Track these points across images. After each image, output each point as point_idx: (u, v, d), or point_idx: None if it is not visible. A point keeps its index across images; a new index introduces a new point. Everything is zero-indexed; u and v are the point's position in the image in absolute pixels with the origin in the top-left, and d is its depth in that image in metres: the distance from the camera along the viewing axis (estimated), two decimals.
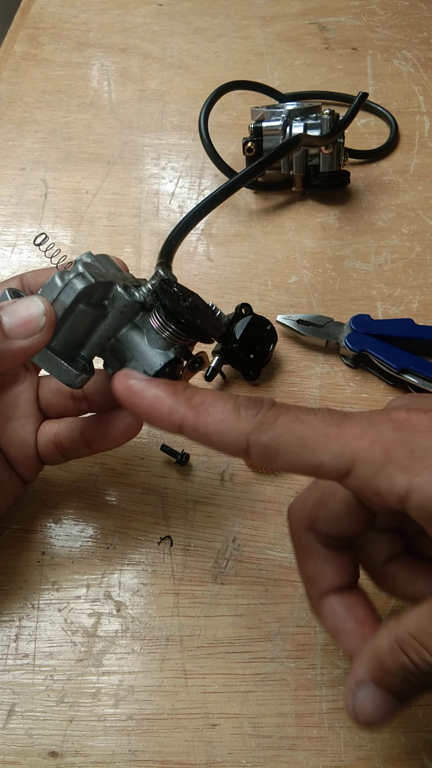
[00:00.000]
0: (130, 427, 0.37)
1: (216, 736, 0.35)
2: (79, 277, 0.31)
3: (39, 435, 0.39)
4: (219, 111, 0.67)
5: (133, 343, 0.34)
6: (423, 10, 0.82)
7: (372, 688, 0.26)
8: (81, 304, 0.32)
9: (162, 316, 0.33)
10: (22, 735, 0.35)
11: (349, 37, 0.78)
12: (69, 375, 0.33)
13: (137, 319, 0.34)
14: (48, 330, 0.31)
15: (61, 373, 0.33)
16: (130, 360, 0.34)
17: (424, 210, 0.60)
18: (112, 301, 0.33)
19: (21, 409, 0.38)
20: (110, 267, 0.34)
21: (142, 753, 0.35)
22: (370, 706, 0.26)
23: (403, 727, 0.35)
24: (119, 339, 0.34)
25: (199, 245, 0.58)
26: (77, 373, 0.33)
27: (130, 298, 0.33)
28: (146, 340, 0.34)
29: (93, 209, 0.61)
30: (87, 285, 0.31)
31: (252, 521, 0.42)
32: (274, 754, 0.35)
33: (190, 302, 0.34)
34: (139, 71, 0.75)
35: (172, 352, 0.34)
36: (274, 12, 0.82)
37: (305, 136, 0.53)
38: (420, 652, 0.24)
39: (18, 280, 0.37)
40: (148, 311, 0.34)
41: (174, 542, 0.41)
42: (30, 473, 0.39)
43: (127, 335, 0.34)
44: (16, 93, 0.72)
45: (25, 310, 0.31)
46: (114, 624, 0.39)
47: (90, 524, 0.42)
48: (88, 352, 0.34)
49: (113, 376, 0.30)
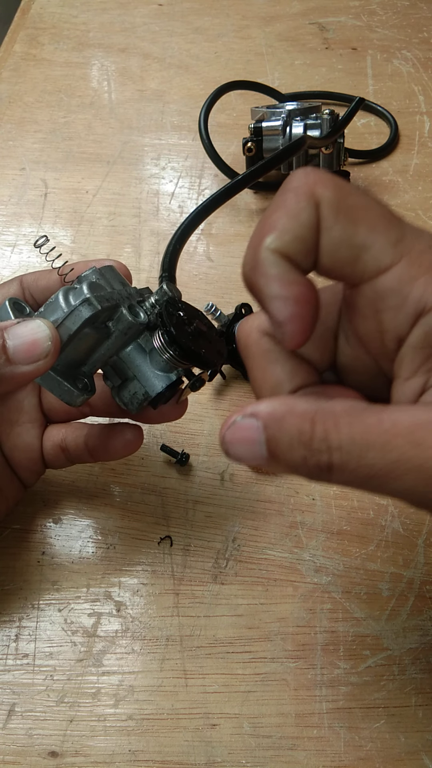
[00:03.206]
0: (128, 444, 0.38)
1: (216, 736, 0.35)
2: (86, 304, 0.31)
3: (45, 439, 0.39)
4: (219, 111, 0.67)
5: (136, 363, 0.34)
6: (423, 10, 0.82)
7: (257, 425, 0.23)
8: (86, 328, 0.32)
9: (165, 341, 0.33)
10: (22, 735, 0.35)
11: (349, 37, 0.78)
12: (70, 395, 0.33)
13: (140, 338, 0.34)
14: (53, 356, 0.31)
15: (62, 392, 0.33)
16: (132, 379, 0.34)
17: (424, 210, 0.60)
18: (116, 322, 0.33)
19: (26, 414, 0.39)
20: (115, 281, 0.34)
21: (142, 753, 0.35)
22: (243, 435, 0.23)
23: (403, 727, 0.35)
24: (122, 357, 0.34)
25: (199, 245, 0.58)
26: (78, 393, 0.33)
27: (135, 320, 0.33)
28: (148, 361, 0.34)
29: (93, 209, 0.61)
30: (93, 312, 0.31)
31: (252, 521, 0.42)
32: (274, 754, 0.35)
33: (194, 328, 0.34)
34: (139, 71, 0.75)
35: (174, 374, 0.34)
36: (274, 12, 0.82)
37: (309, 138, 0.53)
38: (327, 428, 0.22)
39: (18, 283, 0.37)
40: (151, 330, 0.34)
41: (174, 542, 0.41)
42: (32, 477, 0.40)
43: (130, 354, 0.34)
44: (16, 93, 0.72)
45: (31, 335, 0.30)
46: (114, 624, 0.39)
47: (90, 524, 0.42)
48: (89, 369, 0.34)
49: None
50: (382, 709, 0.36)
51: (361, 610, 0.39)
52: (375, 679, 0.37)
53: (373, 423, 0.22)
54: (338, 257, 0.23)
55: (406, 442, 0.21)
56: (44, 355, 0.31)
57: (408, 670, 0.37)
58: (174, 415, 0.37)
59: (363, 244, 0.23)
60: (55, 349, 0.31)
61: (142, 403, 0.35)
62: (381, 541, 0.41)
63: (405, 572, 0.40)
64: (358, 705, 0.36)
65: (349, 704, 0.36)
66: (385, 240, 0.23)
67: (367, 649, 0.38)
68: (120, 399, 0.35)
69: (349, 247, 0.23)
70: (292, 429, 0.22)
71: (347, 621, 0.38)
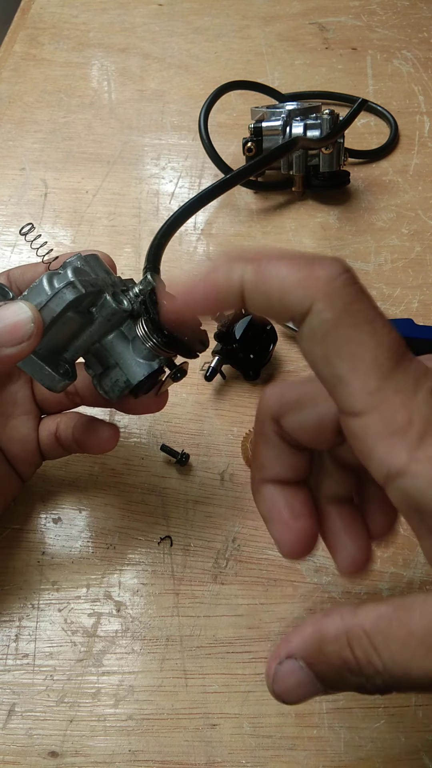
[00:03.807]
0: (102, 441, 0.38)
1: (216, 736, 0.35)
2: (70, 286, 0.31)
3: (41, 430, 0.39)
4: (219, 111, 0.67)
5: (117, 351, 0.34)
6: (423, 10, 0.82)
7: (301, 666, 0.24)
8: (69, 311, 0.32)
9: (149, 329, 0.33)
10: (22, 735, 0.35)
11: (349, 37, 0.78)
12: (52, 380, 0.33)
13: (123, 326, 0.34)
14: (35, 338, 0.31)
15: (43, 377, 0.33)
16: (113, 367, 0.34)
17: (424, 210, 0.60)
18: (100, 308, 0.33)
19: (20, 406, 0.39)
20: (100, 270, 0.34)
21: (142, 753, 0.35)
22: (292, 681, 0.24)
23: (403, 727, 0.35)
24: (104, 344, 0.34)
25: (199, 245, 0.58)
26: (59, 378, 0.33)
27: (118, 306, 0.33)
28: (131, 349, 0.34)
29: (93, 209, 0.61)
30: (77, 296, 0.31)
31: (252, 521, 0.42)
32: (274, 754, 0.35)
33: None
34: (139, 71, 0.75)
35: (156, 362, 0.34)
36: (274, 12, 0.82)
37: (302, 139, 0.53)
38: (368, 652, 0.22)
39: (5, 277, 0.37)
40: (135, 319, 0.34)
41: (174, 542, 0.41)
42: (30, 469, 0.40)
43: (112, 342, 0.34)
44: (16, 93, 0.72)
45: (13, 317, 0.30)
46: (114, 624, 0.39)
47: (90, 524, 0.42)
48: (71, 355, 0.34)
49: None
50: (382, 709, 0.36)
51: None
52: None
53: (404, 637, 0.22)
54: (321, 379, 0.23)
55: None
56: (27, 337, 0.30)
57: None
58: (154, 407, 0.37)
59: (340, 377, 0.22)
60: (38, 331, 0.31)
61: (123, 391, 0.35)
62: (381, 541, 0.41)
63: (405, 572, 0.40)
64: (358, 705, 0.36)
65: (349, 704, 0.36)
66: (361, 384, 0.22)
67: None
68: (101, 387, 0.35)
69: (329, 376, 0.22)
70: (335, 661, 0.23)
71: None
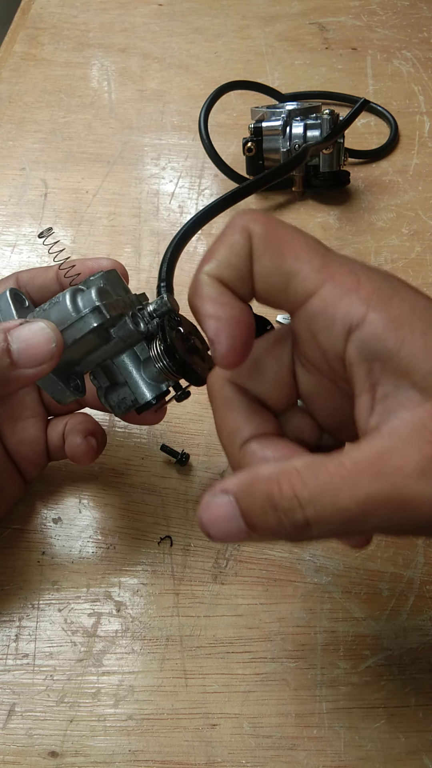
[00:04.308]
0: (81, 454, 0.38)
1: (216, 736, 0.35)
2: (96, 312, 0.31)
3: (50, 432, 0.40)
4: (219, 111, 0.67)
5: (128, 370, 0.35)
6: (423, 10, 0.82)
7: (230, 500, 0.24)
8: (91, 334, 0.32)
9: (163, 354, 0.34)
10: (22, 735, 0.35)
11: (349, 37, 0.78)
12: (63, 394, 0.34)
13: (136, 346, 0.35)
14: (56, 359, 0.31)
15: (55, 391, 0.34)
16: (122, 384, 0.35)
17: (424, 210, 0.60)
18: (118, 329, 0.33)
19: (29, 409, 0.40)
20: (119, 287, 0.35)
21: (142, 753, 0.35)
22: (220, 513, 0.24)
23: (403, 727, 0.35)
24: (115, 362, 0.35)
25: (199, 245, 0.58)
26: (70, 393, 0.34)
27: (136, 329, 0.33)
28: (141, 369, 0.35)
29: (93, 209, 0.61)
30: (102, 321, 0.32)
31: None
32: (274, 754, 0.35)
33: (190, 344, 0.35)
34: (139, 71, 0.75)
35: (164, 385, 0.35)
36: (274, 12, 0.82)
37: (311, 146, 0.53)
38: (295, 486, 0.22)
39: (14, 280, 0.37)
40: (148, 340, 0.35)
41: (174, 542, 0.41)
42: (35, 471, 0.40)
43: (124, 360, 0.35)
44: (16, 93, 0.72)
45: (35, 338, 0.31)
46: (114, 624, 0.39)
47: (90, 524, 0.42)
48: (81, 369, 0.35)
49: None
50: (382, 709, 0.36)
51: (361, 610, 0.39)
52: (375, 679, 0.37)
53: (335, 468, 0.22)
54: (271, 284, 0.25)
55: (369, 477, 0.22)
56: (48, 359, 0.31)
57: (408, 670, 0.37)
58: (151, 420, 0.38)
59: (290, 270, 0.25)
60: (59, 353, 0.31)
61: (129, 408, 0.36)
62: (381, 541, 0.41)
63: (405, 572, 0.40)
64: (358, 705, 0.36)
65: (349, 704, 0.36)
66: (309, 267, 0.24)
67: (367, 649, 0.38)
68: (107, 401, 0.36)
69: (279, 274, 0.25)
70: (261, 495, 0.23)
71: (347, 621, 0.38)
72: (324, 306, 0.24)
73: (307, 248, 0.25)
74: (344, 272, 0.24)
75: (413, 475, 0.21)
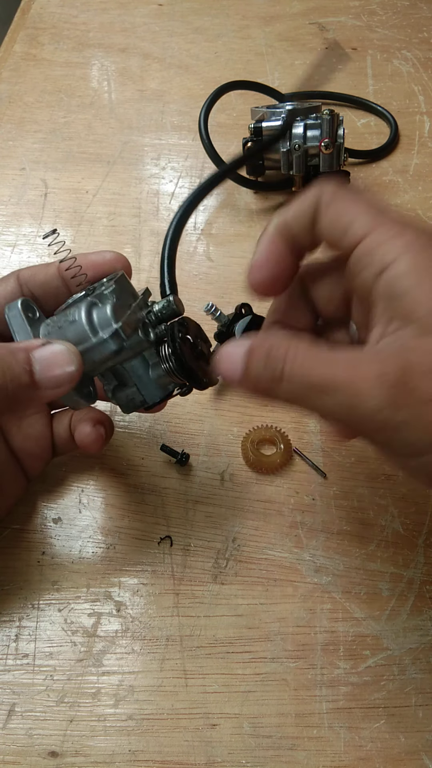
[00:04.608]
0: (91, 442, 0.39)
1: (216, 736, 0.35)
2: (115, 337, 0.32)
3: (56, 426, 0.40)
4: (219, 111, 0.67)
5: (138, 373, 0.36)
6: (423, 10, 0.82)
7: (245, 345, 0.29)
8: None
9: (172, 363, 0.34)
10: (22, 735, 0.35)
11: (349, 37, 0.78)
12: (77, 403, 0.35)
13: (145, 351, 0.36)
14: (76, 380, 0.32)
15: (67, 398, 0.35)
16: (131, 386, 0.36)
17: (424, 210, 0.60)
18: (130, 341, 0.34)
19: None
20: (128, 294, 0.35)
21: (142, 753, 0.35)
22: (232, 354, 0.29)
23: (403, 727, 0.35)
24: (125, 366, 0.36)
25: (199, 245, 0.58)
26: (84, 402, 0.35)
27: (146, 338, 0.34)
28: (150, 372, 0.35)
29: (93, 209, 0.61)
30: (120, 346, 0.32)
31: (252, 521, 0.42)
32: (274, 754, 0.35)
33: (198, 351, 0.36)
34: (139, 71, 0.75)
35: (171, 386, 0.36)
36: (274, 12, 0.82)
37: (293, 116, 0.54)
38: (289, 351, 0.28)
39: (14, 279, 0.37)
40: (156, 345, 0.35)
41: (174, 542, 0.41)
42: (40, 467, 0.41)
43: (133, 364, 0.35)
44: (16, 93, 0.72)
45: (57, 361, 0.31)
46: (114, 624, 0.39)
47: (90, 524, 0.42)
48: (91, 374, 0.36)
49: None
50: (382, 709, 0.36)
51: (361, 610, 0.39)
52: (375, 679, 0.37)
53: (324, 354, 0.28)
54: (333, 231, 0.30)
55: (342, 365, 0.27)
56: (68, 381, 0.32)
57: (408, 670, 0.37)
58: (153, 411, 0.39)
59: (348, 220, 0.29)
60: (78, 376, 0.32)
61: (137, 408, 0.37)
62: (381, 541, 0.41)
63: (405, 572, 0.40)
64: (358, 705, 0.36)
65: (349, 704, 0.36)
66: (363, 217, 0.29)
67: (367, 649, 0.38)
68: (116, 399, 0.37)
69: (340, 223, 0.30)
70: (266, 347, 0.28)
71: (347, 621, 0.38)
72: (369, 248, 0.28)
73: (364, 204, 0.29)
74: (391, 223, 0.28)
75: (371, 375, 0.26)
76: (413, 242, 0.27)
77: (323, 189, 0.30)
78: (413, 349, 0.26)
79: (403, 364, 0.26)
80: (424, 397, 0.25)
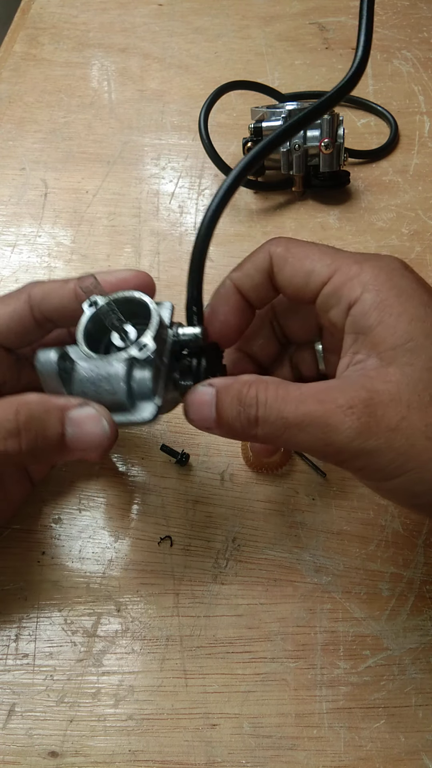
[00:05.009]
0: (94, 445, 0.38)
1: (216, 736, 0.35)
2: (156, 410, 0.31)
3: None
4: (219, 111, 0.67)
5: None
6: (423, 10, 0.82)
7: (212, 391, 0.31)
8: None
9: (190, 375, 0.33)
10: (22, 735, 0.35)
11: (349, 37, 0.78)
12: None
13: None
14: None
15: None
16: None
17: (424, 210, 0.60)
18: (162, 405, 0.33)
19: None
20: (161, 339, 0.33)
21: (142, 753, 0.35)
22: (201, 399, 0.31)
23: (403, 727, 0.35)
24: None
25: None
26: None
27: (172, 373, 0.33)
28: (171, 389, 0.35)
29: (93, 209, 0.61)
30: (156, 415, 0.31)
31: (252, 521, 0.42)
32: (274, 754, 0.35)
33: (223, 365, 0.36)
34: (139, 71, 0.75)
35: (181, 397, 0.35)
36: (274, 12, 0.82)
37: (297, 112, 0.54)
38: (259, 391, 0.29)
39: (26, 296, 0.35)
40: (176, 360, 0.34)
41: (174, 542, 0.41)
42: (45, 470, 0.41)
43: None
44: (16, 93, 0.72)
45: (90, 427, 0.30)
46: (114, 624, 0.39)
47: (90, 524, 0.42)
48: None
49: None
50: (382, 709, 0.36)
51: (361, 610, 0.39)
52: (375, 679, 0.37)
53: (293, 389, 0.29)
54: (295, 284, 0.33)
55: (312, 401, 0.28)
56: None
57: (408, 670, 0.37)
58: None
59: (308, 270, 0.32)
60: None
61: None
62: (381, 541, 0.41)
63: (405, 572, 0.40)
64: (358, 705, 0.36)
65: (349, 704, 0.36)
66: (321, 264, 0.32)
67: (367, 649, 0.38)
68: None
69: (300, 275, 0.32)
70: (234, 391, 0.30)
71: (347, 621, 0.38)
72: (335, 287, 0.31)
73: (319, 252, 0.32)
74: (349, 263, 0.31)
75: (341, 408, 0.28)
76: (374, 278, 0.30)
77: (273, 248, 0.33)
78: (375, 378, 0.29)
79: (369, 395, 0.28)
80: (391, 425, 0.27)
